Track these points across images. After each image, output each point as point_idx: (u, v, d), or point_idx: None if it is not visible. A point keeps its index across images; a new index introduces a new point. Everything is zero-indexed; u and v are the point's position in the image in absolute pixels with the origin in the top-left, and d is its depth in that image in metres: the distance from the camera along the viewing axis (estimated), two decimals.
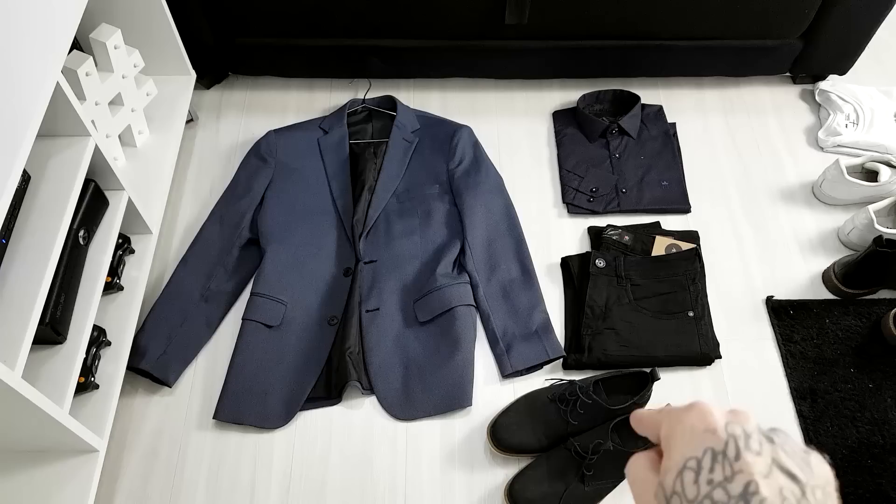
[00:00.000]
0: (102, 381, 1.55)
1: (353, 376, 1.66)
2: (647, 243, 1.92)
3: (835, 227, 2.03)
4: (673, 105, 2.30)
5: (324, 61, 2.17)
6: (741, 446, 0.40)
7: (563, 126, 2.21)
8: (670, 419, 0.46)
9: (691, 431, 0.43)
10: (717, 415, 0.43)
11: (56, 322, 1.39)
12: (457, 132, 2.08)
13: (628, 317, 1.79)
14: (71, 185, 1.43)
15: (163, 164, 1.91)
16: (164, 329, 1.74)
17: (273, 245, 1.86)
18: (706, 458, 0.41)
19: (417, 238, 1.89)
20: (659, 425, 0.47)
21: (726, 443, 0.41)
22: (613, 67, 2.23)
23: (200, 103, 2.27)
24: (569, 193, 2.05)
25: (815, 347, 1.79)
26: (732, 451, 0.40)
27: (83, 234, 1.53)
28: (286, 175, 2.00)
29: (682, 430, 0.44)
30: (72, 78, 1.60)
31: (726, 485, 0.38)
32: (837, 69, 2.27)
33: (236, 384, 1.68)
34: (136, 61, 1.83)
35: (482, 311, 1.80)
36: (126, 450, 1.64)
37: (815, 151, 2.21)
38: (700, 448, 0.41)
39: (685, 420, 0.44)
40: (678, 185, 2.08)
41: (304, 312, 1.78)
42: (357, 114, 2.15)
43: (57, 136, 1.48)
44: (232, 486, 1.60)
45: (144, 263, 1.75)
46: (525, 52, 2.13)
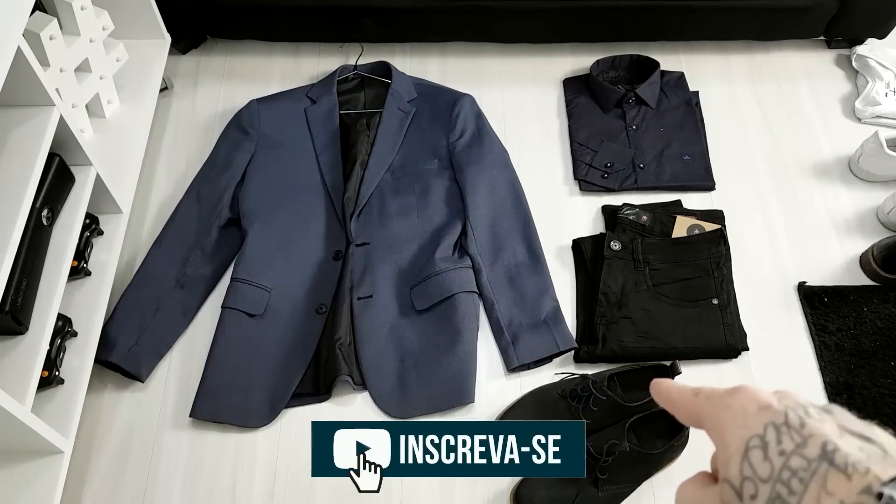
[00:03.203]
0: (68, 375, 1.54)
1: (344, 370, 1.65)
2: (666, 224, 1.91)
3: (874, 205, 2.01)
4: (696, 72, 2.27)
5: (311, 23, 2.16)
6: (802, 414, 0.41)
7: (574, 95, 2.20)
8: (712, 405, 0.46)
9: (744, 413, 0.43)
10: (764, 392, 0.44)
11: (17, 310, 1.38)
12: (457, 102, 2.06)
13: (646, 304, 1.78)
14: (33, 159, 1.42)
15: (134, 136, 1.89)
16: (136, 318, 1.73)
17: (256, 226, 1.85)
18: (769, 432, 0.41)
19: (414, 218, 1.87)
20: (697, 412, 0.48)
21: (786, 414, 0.41)
22: (630, 30, 2.22)
23: (176, 70, 2.25)
24: (581, 169, 2.04)
25: (852, 338, 1.78)
26: (796, 419, 0.40)
27: (47, 213, 1.52)
28: (270, 149, 1.99)
29: (732, 415, 0.44)
30: (34, 42, 1.58)
31: (801, 451, 0.39)
32: (876, 32, 2.25)
33: (215, 379, 1.67)
34: (105, 23, 1.81)
35: (486, 299, 1.79)
36: (94, 451, 1.63)
37: (852, 123, 2.20)
38: (760, 425, 0.42)
39: (733, 404, 0.45)
40: (701, 159, 2.06)
41: (290, 300, 1.77)
42: (348, 81, 2.13)
43: (17, 105, 1.47)
44: (210, 490, 1.59)
45: (114, 246, 1.73)
46: (533, 13, 2.11)
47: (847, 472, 0.36)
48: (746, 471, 0.41)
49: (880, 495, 0.34)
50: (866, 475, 0.36)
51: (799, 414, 0.41)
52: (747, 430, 0.42)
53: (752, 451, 0.41)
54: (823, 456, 0.38)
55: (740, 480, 0.41)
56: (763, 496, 0.39)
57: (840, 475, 0.36)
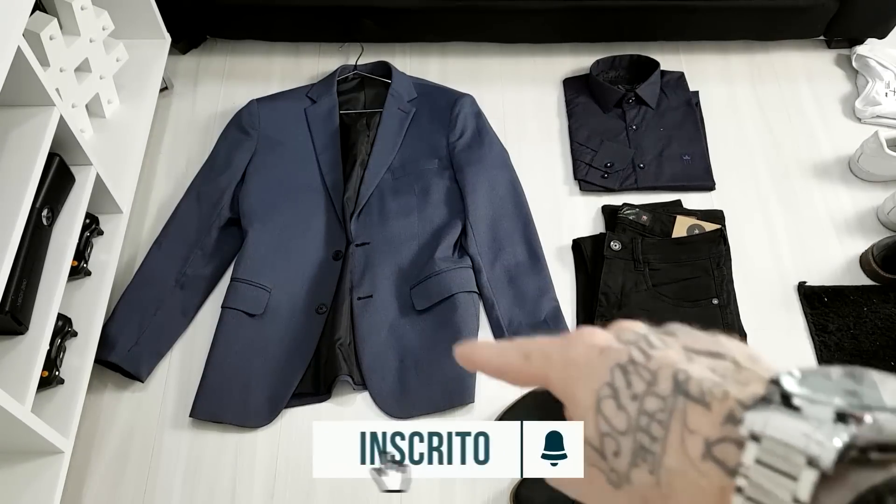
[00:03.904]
0: (68, 375, 1.54)
1: (344, 370, 1.65)
2: (666, 223, 1.91)
3: (874, 205, 2.01)
4: (695, 72, 2.27)
5: (312, 23, 2.15)
6: (644, 347, 0.36)
7: (574, 95, 2.19)
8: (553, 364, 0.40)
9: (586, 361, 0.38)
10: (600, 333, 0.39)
11: (17, 310, 1.38)
12: (458, 102, 2.06)
13: (646, 304, 1.78)
14: (33, 159, 1.41)
15: (134, 136, 1.89)
16: (136, 318, 1.73)
17: (256, 225, 1.85)
18: (616, 376, 0.36)
19: (414, 218, 1.87)
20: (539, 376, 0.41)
21: (628, 351, 0.36)
22: (630, 30, 2.21)
23: (176, 70, 2.24)
24: (581, 169, 2.04)
25: (852, 338, 1.78)
26: (639, 355, 0.36)
27: (47, 213, 1.51)
28: (270, 148, 1.99)
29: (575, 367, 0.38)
30: (34, 42, 1.58)
31: (653, 389, 0.34)
32: (876, 32, 2.24)
33: (215, 379, 1.67)
34: (105, 23, 1.81)
35: (485, 299, 1.79)
36: (94, 451, 1.63)
37: (852, 123, 2.19)
38: (605, 371, 0.37)
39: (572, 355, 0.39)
40: (701, 159, 2.06)
41: (290, 300, 1.77)
42: (348, 81, 2.13)
43: (18, 105, 1.47)
44: (210, 490, 1.59)
45: (114, 246, 1.73)
46: (533, 13, 2.11)
47: (705, 402, 0.32)
48: (603, 426, 0.36)
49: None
50: (725, 400, 0.32)
51: (641, 347, 0.36)
52: (594, 380, 0.37)
53: (604, 403, 0.36)
54: (677, 389, 0.33)
55: (599, 438, 0.36)
56: (626, 450, 0.35)
57: (698, 407, 0.33)
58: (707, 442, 0.32)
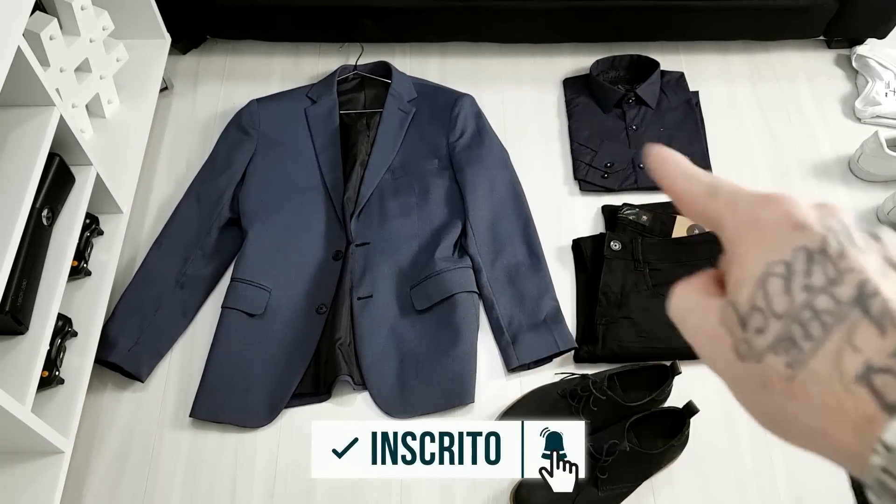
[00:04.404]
0: (68, 375, 1.54)
1: (344, 370, 1.65)
2: (667, 223, 1.91)
3: (874, 205, 2.01)
4: (695, 72, 2.27)
5: (312, 23, 2.15)
6: (844, 241, 0.33)
7: (574, 95, 2.19)
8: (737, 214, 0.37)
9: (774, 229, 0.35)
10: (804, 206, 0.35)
11: (17, 310, 1.38)
12: (458, 102, 2.06)
13: (646, 304, 1.78)
14: (33, 159, 1.41)
15: (134, 136, 1.89)
16: (136, 318, 1.73)
17: (256, 225, 1.85)
18: (798, 259, 0.33)
19: (414, 218, 1.87)
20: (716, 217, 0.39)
21: (824, 238, 0.33)
22: (630, 30, 2.21)
23: (176, 70, 2.24)
24: (581, 169, 2.04)
25: None
26: (835, 247, 0.33)
27: (47, 213, 1.52)
28: (270, 148, 1.99)
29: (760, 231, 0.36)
30: (34, 42, 1.58)
31: (832, 289, 0.32)
32: (876, 32, 2.24)
33: (215, 379, 1.67)
34: (106, 23, 1.81)
35: (486, 299, 1.79)
36: (94, 451, 1.63)
37: (852, 123, 2.19)
38: (789, 248, 0.34)
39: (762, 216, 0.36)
40: (701, 159, 2.06)
41: (290, 300, 1.77)
42: (348, 81, 2.13)
43: (18, 105, 1.47)
44: (210, 490, 1.59)
45: (114, 246, 1.73)
46: (533, 13, 2.11)
47: (882, 325, 0.30)
48: (759, 301, 0.34)
49: None
50: None
51: (840, 240, 0.33)
52: (772, 252, 0.34)
53: (771, 280, 0.34)
54: (858, 299, 0.31)
55: (749, 308, 0.34)
56: (772, 333, 0.33)
57: (872, 327, 0.30)
58: (869, 365, 0.30)
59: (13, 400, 1.25)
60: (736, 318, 0.34)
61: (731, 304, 0.35)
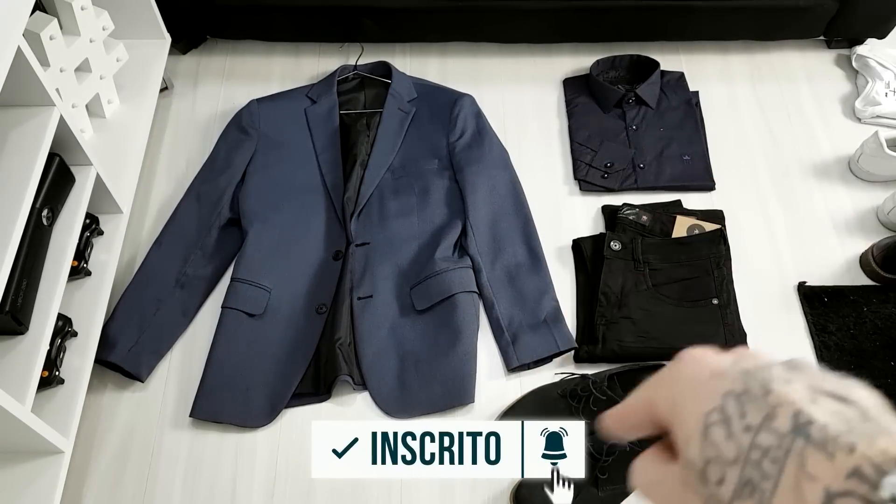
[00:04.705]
0: (68, 375, 1.54)
1: (344, 370, 1.64)
2: (666, 224, 1.91)
3: (874, 205, 2.01)
4: (695, 72, 2.27)
5: (312, 23, 2.15)
6: (765, 378, 0.34)
7: (574, 95, 2.19)
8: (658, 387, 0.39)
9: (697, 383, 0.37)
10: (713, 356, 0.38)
11: (17, 310, 1.38)
12: (457, 102, 2.06)
13: (646, 304, 1.78)
14: (33, 159, 1.41)
15: (134, 136, 1.89)
16: (136, 318, 1.73)
17: (256, 226, 1.85)
18: (729, 403, 0.34)
19: (414, 218, 1.87)
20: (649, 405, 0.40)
21: (744, 381, 0.35)
22: (630, 30, 2.21)
23: (176, 70, 2.24)
24: (581, 169, 2.04)
25: (852, 338, 1.78)
26: (757, 386, 0.34)
27: (47, 213, 1.51)
28: (270, 148, 1.99)
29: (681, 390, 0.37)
30: (34, 42, 1.57)
31: (769, 424, 0.33)
32: (876, 32, 2.24)
33: (215, 379, 1.66)
34: (106, 23, 1.81)
35: (486, 299, 1.79)
36: (94, 451, 1.62)
37: (852, 123, 2.19)
38: (717, 395, 0.35)
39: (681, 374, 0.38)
40: (701, 159, 2.06)
41: (290, 300, 1.77)
42: (348, 81, 2.13)
43: (18, 105, 1.46)
44: (210, 490, 1.59)
45: (114, 246, 1.73)
46: (533, 13, 2.11)
47: (828, 450, 0.30)
48: (709, 452, 0.34)
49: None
50: (851, 454, 0.30)
51: (760, 379, 0.34)
52: (703, 402, 0.36)
53: (712, 429, 0.35)
54: (797, 430, 0.32)
55: (703, 463, 0.35)
56: (731, 481, 0.33)
57: (819, 454, 0.31)
58: (828, 492, 0.30)
59: (13, 400, 1.24)
60: (696, 476, 0.35)
61: (687, 463, 0.36)
